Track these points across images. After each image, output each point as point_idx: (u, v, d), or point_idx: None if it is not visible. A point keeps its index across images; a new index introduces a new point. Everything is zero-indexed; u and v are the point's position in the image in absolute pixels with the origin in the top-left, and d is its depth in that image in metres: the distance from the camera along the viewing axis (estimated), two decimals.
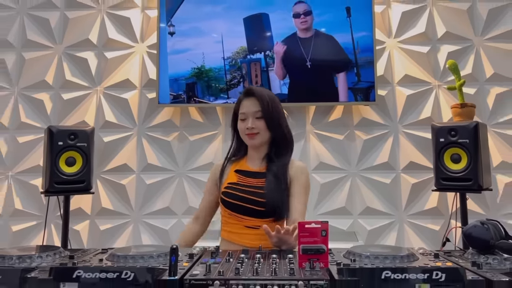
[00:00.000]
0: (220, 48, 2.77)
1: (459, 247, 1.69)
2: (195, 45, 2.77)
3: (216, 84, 2.73)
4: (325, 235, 1.08)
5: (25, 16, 3.00)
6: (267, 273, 0.98)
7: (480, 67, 2.86)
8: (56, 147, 2.40)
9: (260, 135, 1.61)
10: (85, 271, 0.94)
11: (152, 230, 2.87)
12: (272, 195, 1.53)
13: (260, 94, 1.62)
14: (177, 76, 2.77)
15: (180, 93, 2.73)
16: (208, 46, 2.78)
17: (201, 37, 2.79)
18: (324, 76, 2.73)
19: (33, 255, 1.16)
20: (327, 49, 2.75)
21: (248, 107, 1.62)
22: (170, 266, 0.96)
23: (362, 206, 2.82)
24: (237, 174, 1.65)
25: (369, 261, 1.09)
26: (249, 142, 1.64)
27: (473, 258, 1.17)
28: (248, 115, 1.61)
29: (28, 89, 2.96)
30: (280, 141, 1.65)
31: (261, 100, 1.60)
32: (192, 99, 2.72)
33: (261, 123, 1.60)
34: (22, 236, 2.83)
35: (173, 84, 2.75)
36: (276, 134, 1.63)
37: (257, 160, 1.66)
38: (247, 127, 1.60)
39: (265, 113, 1.60)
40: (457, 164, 2.31)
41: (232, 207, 1.58)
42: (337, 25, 2.78)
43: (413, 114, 2.87)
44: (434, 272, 0.91)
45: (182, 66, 2.75)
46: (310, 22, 2.71)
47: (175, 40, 2.81)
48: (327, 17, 2.74)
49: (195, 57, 2.76)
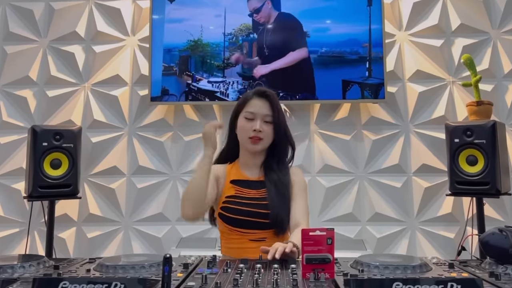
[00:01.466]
0: (220, 23, 2.72)
1: (475, 257, 1.69)
2: (193, 15, 2.71)
3: (212, 60, 2.71)
4: (331, 243, 1.08)
5: (7, 6, 3.00)
6: (268, 284, 0.98)
7: (498, 62, 2.86)
8: (40, 148, 2.40)
9: (264, 141, 1.60)
10: (71, 283, 0.93)
11: (143, 238, 2.87)
12: (275, 205, 1.54)
13: (274, 99, 1.62)
14: (171, 46, 2.71)
15: (172, 65, 2.69)
16: (207, 19, 2.73)
17: (200, 7, 2.74)
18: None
19: (15, 265, 1.15)
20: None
21: (259, 107, 1.59)
22: (163, 277, 0.96)
23: (370, 212, 2.82)
24: (234, 185, 1.62)
25: (378, 271, 1.09)
26: (250, 147, 1.60)
27: (491, 268, 1.16)
28: (258, 116, 1.59)
29: (11, 85, 2.96)
30: (282, 150, 1.65)
31: (274, 105, 1.60)
32: (184, 72, 2.69)
33: (269, 128, 1.59)
34: (3, 244, 2.83)
35: (165, 54, 2.69)
36: (281, 142, 1.64)
37: (253, 168, 1.65)
38: (254, 128, 1.57)
39: (275, 119, 1.60)
40: (473, 167, 2.31)
41: (233, 222, 1.56)
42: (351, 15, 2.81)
43: (426, 112, 2.87)
44: (449, 284, 0.91)
45: (178, 37, 2.69)
46: (267, 13, 2.71)
47: (172, 8, 2.74)
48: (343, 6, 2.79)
49: (192, 28, 2.70)
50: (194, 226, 2.84)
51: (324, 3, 2.79)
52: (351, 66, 2.75)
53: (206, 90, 2.77)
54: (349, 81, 2.75)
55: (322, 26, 2.79)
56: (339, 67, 2.76)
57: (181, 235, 2.82)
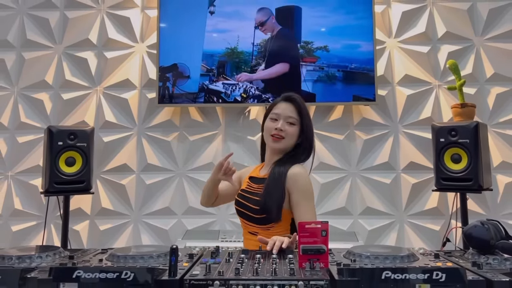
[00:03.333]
0: (250, 34, 2.93)
1: (459, 247, 1.69)
2: (233, 27, 2.91)
3: (244, 66, 2.89)
4: (325, 235, 1.08)
5: (24, 16, 3.00)
6: (267, 273, 0.98)
7: (481, 67, 2.86)
8: (56, 147, 2.40)
9: (285, 140, 1.57)
10: (85, 271, 0.94)
11: (152, 230, 2.87)
12: (265, 201, 1.50)
13: (301, 102, 1.61)
14: (212, 52, 2.91)
15: (213, 67, 2.89)
16: (244, 30, 2.90)
17: (240, 20, 2.92)
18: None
19: (32, 255, 1.15)
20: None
21: (284, 109, 1.59)
22: (170, 266, 0.96)
23: (362, 206, 2.82)
24: (249, 181, 1.64)
25: (369, 261, 1.09)
26: (271, 144, 1.59)
27: (474, 258, 1.16)
28: (281, 117, 1.58)
29: (28, 89, 2.96)
30: (301, 151, 1.61)
31: (300, 108, 1.60)
32: (222, 75, 2.88)
33: (292, 130, 1.58)
34: (21, 236, 2.83)
35: (208, 58, 2.90)
36: (303, 145, 1.60)
37: (268, 166, 1.62)
38: (276, 127, 1.56)
39: (302, 123, 1.59)
40: (457, 164, 2.31)
41: (238, 213, 1.62)
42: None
43: (413, 114, 2.87)
44: (435, 272, 0.91)
45: (218, 45, 2.91)
46: (271, 26, 2.89)
47: (217, 20, 2.92)
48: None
49: (230, 38, 2.90)
50: (198, 219, 2.84)
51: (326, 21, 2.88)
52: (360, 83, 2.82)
53: (215, 90, 2.88)
54: (359, 96, 2.82)
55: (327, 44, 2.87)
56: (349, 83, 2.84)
57: (186, 228, 2.82)
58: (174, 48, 2.90)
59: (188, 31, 2.92)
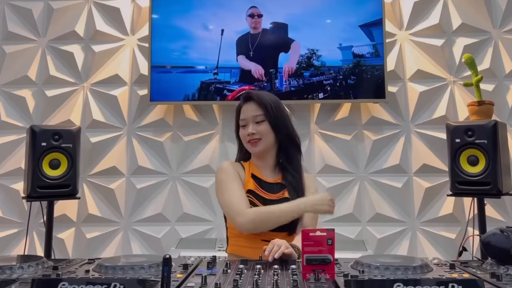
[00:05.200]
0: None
1: (476, 257, 1.69)
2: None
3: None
4: (331, 244, 1.08)
5: (5, 6, 3.00)
6: (268, 285, 0.98)
7: (499, 61, 2.86)
8: (39, 148, 2.40)
9: (263, 140, 1.62)
10: (70, 283, 0.93)
11: (143, 239, 2.87)
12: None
13: (259, 97, 1.64)
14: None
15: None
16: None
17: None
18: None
19: (13, 265, 1.15)
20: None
21: (247, 111, 1.63)
22: (162, 278, 0.96)
23: (371, 213, 2.82)
24: (254, 181, 1.64)
25: (379, 272, 1.09)
26: (251, 150, 1.65)
27: (492, 269, 1.16)
28: (248, 120, 1.63)
29: (9, 85, 2.96)
30: (288, 146, 1.67)
31: (261, 103, 1.62)
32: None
33: (263, 127, 1.61)
34: (2, 245, 2.82)
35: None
36: (283, 137, 1.65)
37: (268, 170, 1.68)
38: (247, 133, 1.61)
39: (268, 116, 1.62)
40: (474, 167, 2.31)
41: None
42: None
43: (427, 112, 2.87)
44: (450, 285, 0.91)
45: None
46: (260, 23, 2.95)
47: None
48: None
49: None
50: (193, 227, 2.84)
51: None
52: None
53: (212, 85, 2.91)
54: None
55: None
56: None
57: (180, 236, 2.82)
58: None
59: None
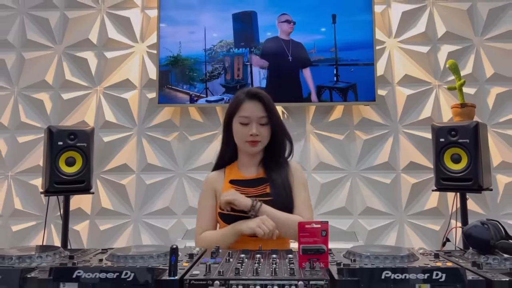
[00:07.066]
0: (196, 39, 2.88)
1: (459, 247, 1.69)
2: (171, 34, 2.89)
3: (193, 73, 2.85)
4: (325, 235, 1.08)
5: (25, 16, 3.00)
6: (267, 273, 0.98)
7: (480, 67, 2.86)
8: (56, 147, 2.40)
9: (261, 143, 1.53)
10: (85, 271, 0.93)
11: (152, 230, 2.87)
12: (281, 201, 1.48)
13: (268, 99, 1.53)
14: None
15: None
16: (184, 35, 2.88)
17: (177, 26, 2.90)
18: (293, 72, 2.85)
19: (33, 255, 1.15)
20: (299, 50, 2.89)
21: (253, 111, 1.51)
22: (170, 266, 0.96)
23: (362, 206, 2.82)
24: (233, 185, 1.54)
25: (369, 261, 1.09)
26: (249, 150, 1.54)
27: (473, 258, 1.16)
28: (252, 119, 1.51)
29: (28, 89, 2.96)
30: (280, 146, 1.58)
31: (267, 106, 1.52)
32: (166, 86, 2.85)
33: (265, 130, 1.52)
34: (22, 236, 2.83)
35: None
36: (281, 140, 1.57)
37: (251, 167, 1.58)
38: (251, 133, 1.50)
39: (271, 120, 1.52)
40: (457, 164, 2.31)
41: (234, 221, 1.47)
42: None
43: (413, 114, 2.87)
44: (434, 272, 0.91)
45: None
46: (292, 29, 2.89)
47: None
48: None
49: (171, 45, 2.88)
50: None
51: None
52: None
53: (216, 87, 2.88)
54: (322, 86, 2.83)
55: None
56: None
57: (186, 228, 2.83)
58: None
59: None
